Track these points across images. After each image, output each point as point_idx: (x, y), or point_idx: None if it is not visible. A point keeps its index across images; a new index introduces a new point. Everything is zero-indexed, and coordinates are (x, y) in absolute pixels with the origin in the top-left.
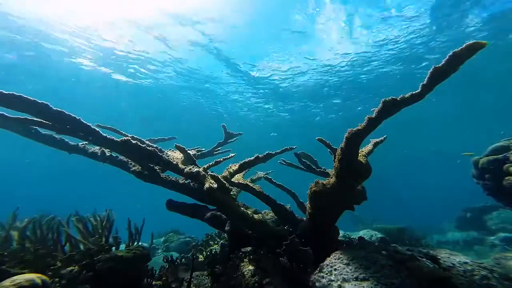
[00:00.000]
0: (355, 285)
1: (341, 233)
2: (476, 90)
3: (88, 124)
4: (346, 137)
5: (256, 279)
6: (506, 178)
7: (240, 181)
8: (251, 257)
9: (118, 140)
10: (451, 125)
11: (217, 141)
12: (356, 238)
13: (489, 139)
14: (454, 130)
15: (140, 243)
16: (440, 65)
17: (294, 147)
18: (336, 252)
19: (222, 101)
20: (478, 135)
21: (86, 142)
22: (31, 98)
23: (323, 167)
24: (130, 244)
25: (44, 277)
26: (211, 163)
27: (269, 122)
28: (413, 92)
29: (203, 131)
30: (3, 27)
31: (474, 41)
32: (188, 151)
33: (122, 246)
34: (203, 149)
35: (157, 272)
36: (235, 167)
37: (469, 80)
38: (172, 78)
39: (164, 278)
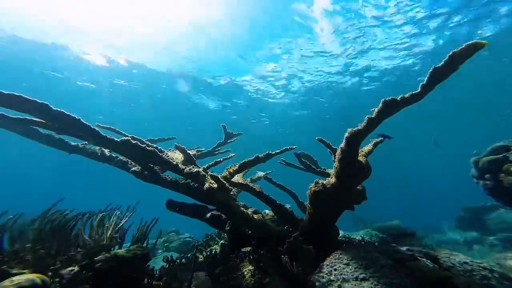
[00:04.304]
0: (355, 285)
1: (341, 233)
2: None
3: (87, 124)
4: (346, 137)
5: (256, 279)
6: (506, 178)
7: (240, 181)
8: (251, 257)
9: (118, 140)
10: (451, 124)
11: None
12: (356, 238)
13: (489, 139)
14: (454, 129)
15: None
16: (439, 65)
17: (294, 147)
18: (336, 252)
19: None
20: (478, 134)
21: (86, 142)
22: (31, 98)
23: (323, 167)
24: (138, 243)
25: (44, 277)
26: (211, 163)
27: None
28: (413, 92)
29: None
30: None
31: (474, 41)
32: (188, 151)
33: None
34: (203, 149)
35: (157, 272)
36: (235, 167)
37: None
38: None
39: (164, 278)
